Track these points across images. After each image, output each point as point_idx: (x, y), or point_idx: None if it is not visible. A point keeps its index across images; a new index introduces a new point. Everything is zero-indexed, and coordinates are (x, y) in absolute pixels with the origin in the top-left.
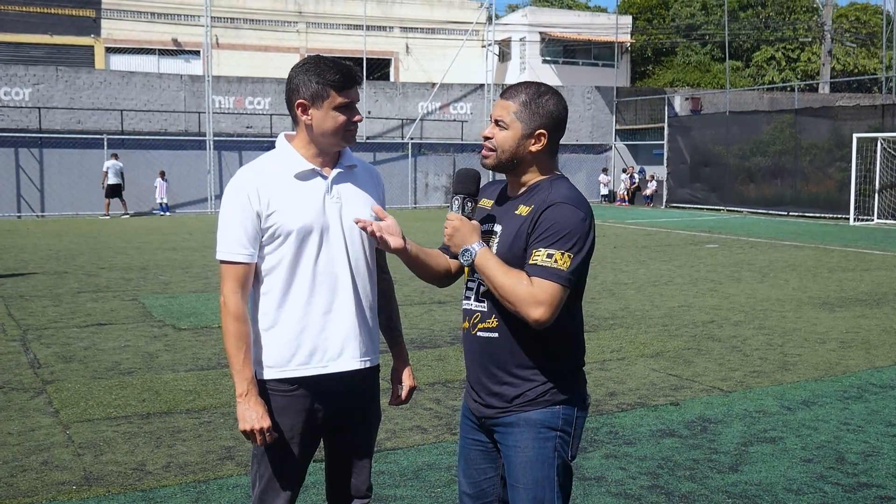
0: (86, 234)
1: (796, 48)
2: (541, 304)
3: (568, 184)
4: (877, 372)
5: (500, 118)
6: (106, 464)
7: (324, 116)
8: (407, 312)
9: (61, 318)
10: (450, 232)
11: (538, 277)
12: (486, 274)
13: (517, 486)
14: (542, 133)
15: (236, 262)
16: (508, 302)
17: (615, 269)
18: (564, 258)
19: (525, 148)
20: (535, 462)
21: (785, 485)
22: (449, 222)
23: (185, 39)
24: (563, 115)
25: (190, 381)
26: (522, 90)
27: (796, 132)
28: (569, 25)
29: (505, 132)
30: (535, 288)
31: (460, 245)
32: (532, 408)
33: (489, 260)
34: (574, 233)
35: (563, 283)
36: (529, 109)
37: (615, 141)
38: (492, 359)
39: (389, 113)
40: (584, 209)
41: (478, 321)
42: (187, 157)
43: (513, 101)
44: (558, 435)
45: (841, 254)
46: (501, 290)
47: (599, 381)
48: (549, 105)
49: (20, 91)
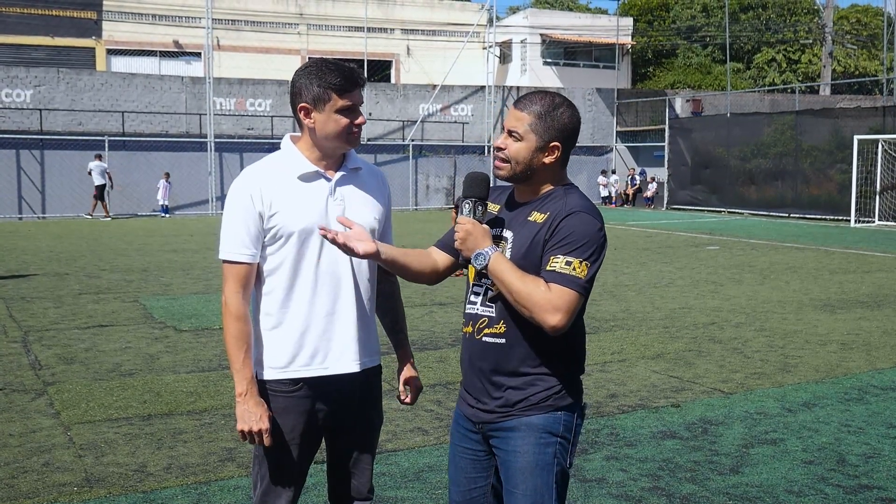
0: (87, 236)
1: (797, 50)
2: (558, 311)
3: (581, 193)
4: (878, 374)
5: (514, 129)
6: (107, 465)
7: (326, 120)
8: (408, 314)
9: (62, 320)
10: (462, 236)
11: (556, 284)
12: (500, 279)
13: (515, 492)
14: (556, 146)
15: (238, 261)
16: (524, 307)
17: (616, 270)
18: (582, 266)
19: (539, 160)
20: (535, 467)
21: (786, 486)
22: (460, 226)
23: (186, 41)
24: (576, 126)
25: (191, 383)
26: (538, 101)
27: (797, 134)
28: (569, 27)
29: (519, 144)
30: (552, 294)
31: (473, 249)
32: (535, 412)
33: (503, 264)
34: (592, 242)
35: (580, 291)
36: (544, 122)
37: (616, 143)
38: (497, 364)
39: (390, 115)
40: (599, 219)
41: (484, 326)
42: (188, 159)
43: (527, 113)
44: (559, 441)
45: (842, 256)
46: (517, 295)
47: (600, 382)
48: (563, 118)
49: (21, 93)
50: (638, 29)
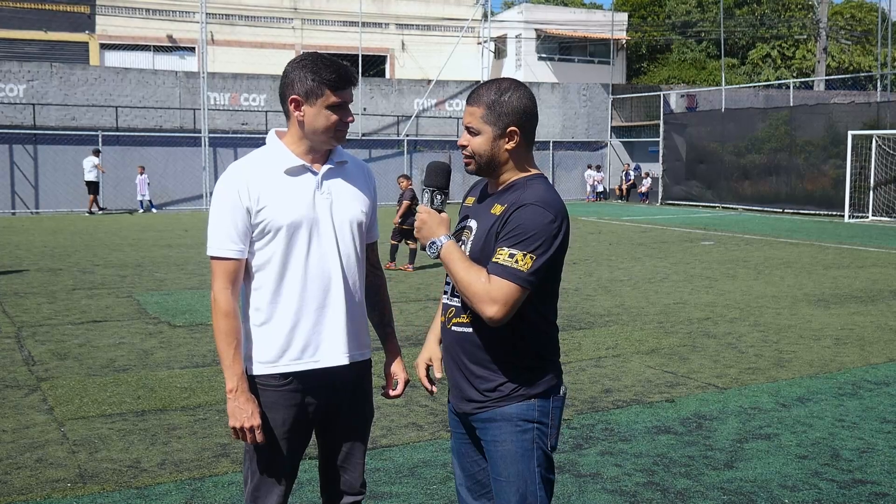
0: (81, 231)
1: (791, 45)
2: (495, 303)
3: (544, 184)
4: (871, 368)
5: (469, 125)
6: (101, 461)
7: (316, 114)
8: (403, 309)
9: (56, 315)
10: (418, 224)
11: (496, 276)
12: (449, 268)
13: (500, 480)
14: (514, 130)
15: (227, 257)
16: (466, 297)
17: (611, 265)
18: (526, 259)
19: (500, 148)
20: (515, 455)
21: (780, 481)
22: (418, 215)
23: (180, 36)
24: (530, 107)
25: (185, 379)
26: (484, 93)
27: (791, 129)
28: (564, 22)
29: (478, 137)
30: (491, 286)
31: (428, 237)
32: (507, 402)
33: (453, 254)
34: (539, 235)
35: (520, 284)
36: (495, 111)
37: (610, 138)
38: (465, 353)
39: (385, 110)
40: (553, 211)
41: (452, 315)
42: (182, 154)
43: (478, 106)
44: (536, 427)
45: (836, 251)
46: (461, 284)
47: (595, 377)
48: (513, 101)
49: (14, 87)
50: (633, 24)
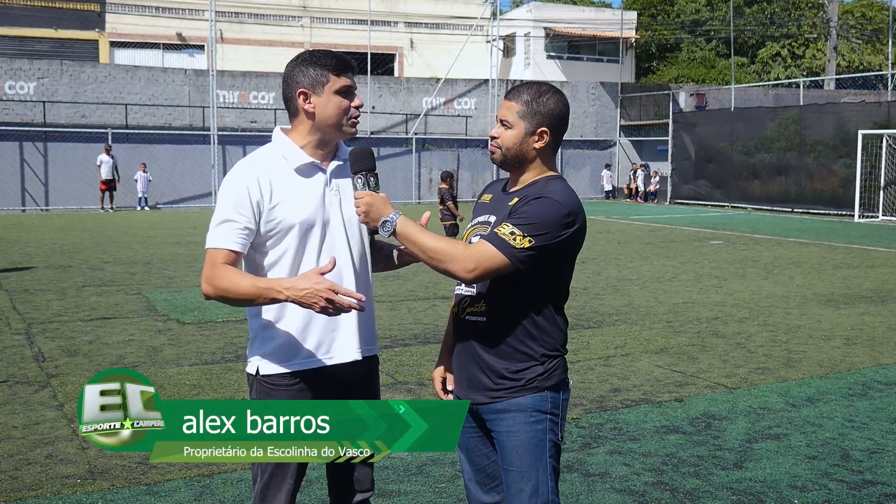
0: (90, 229)
1: (801, 45)
2: (474, 263)
3: (563, 184)
4: (882, 369)
5: (504, 118)
6: (110, 457)
7: (326, 102)
8: (411, 307)
9: (66, 312)
10: (364, 209)
11: (489, 243)
12: (411, 240)
13: (511, 470)
14: (545, 131)
15: (227, 248)
16: (438, 260)
17: (619, 265)
18: (524, 241)
19: (529, 145)
20: (528, 445)
21: (789, 482)
22: (359, 200)
23: (189, 34)
24: (564, 112)
25: (194, 376)
26: (524, 90)
27: (801, 129)
28: (573, 21)
29: (510, 131)
30: (478, 249)
31: (378, 218)
32: (522, 393)
33: (411, 227)
34: (546, 223)
35: (508, 258)
36: (531, 108)
37: (619, 137)
38: (479, 343)
39: (393, 108)
40: (568, 206)
41: (466, 305)
42: (191, 152)
43: (516, 102)
44: (549, 417)
45: (846, 250)
46: (432, 252)
47: (603, 377)
48: (549, 104)
49: (25, 85)
50: (642, 23)
